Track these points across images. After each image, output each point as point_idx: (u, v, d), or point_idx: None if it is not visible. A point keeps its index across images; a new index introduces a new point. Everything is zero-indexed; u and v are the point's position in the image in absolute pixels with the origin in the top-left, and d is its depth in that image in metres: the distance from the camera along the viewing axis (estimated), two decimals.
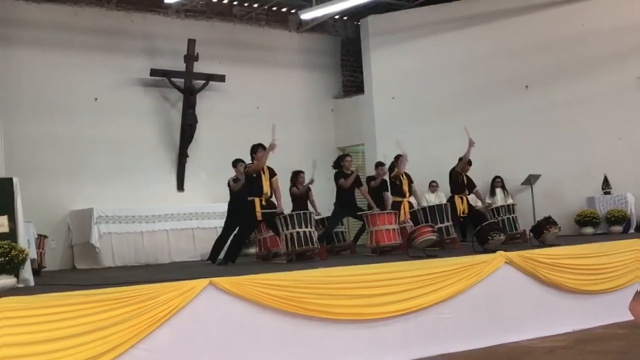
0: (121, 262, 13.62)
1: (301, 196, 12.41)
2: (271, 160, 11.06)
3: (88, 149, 14.34)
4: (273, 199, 11.11)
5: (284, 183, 11.91)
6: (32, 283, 8.14)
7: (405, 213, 12.70)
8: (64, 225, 13.99)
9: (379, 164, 13.32)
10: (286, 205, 11.64)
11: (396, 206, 12.60)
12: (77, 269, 13.60)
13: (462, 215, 13.47)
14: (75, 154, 14.21)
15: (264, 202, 10.89)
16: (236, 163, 12.15)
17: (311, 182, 12.54)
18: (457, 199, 13.53)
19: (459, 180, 13.69)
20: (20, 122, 13.60)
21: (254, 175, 10.90)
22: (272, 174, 11.10)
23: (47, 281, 9.31)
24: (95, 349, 6.21)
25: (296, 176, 12.58)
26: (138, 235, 13.95)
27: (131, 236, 13.87)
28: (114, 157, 14.57)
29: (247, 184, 11.11)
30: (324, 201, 13.12)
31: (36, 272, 10.73)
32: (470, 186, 13.83)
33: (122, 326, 6.39)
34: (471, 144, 13.59)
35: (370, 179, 13.12)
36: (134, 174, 14.72)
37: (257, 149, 11.03)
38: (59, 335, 6.09)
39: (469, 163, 13.91)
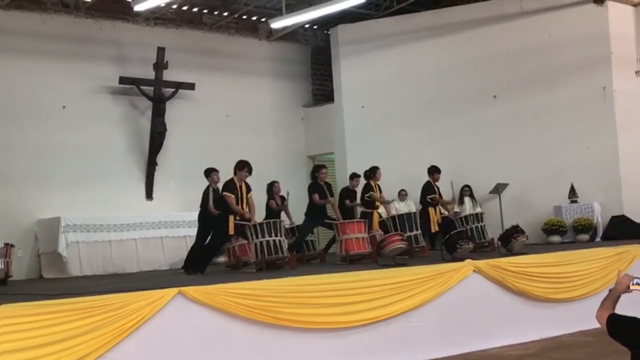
0: (89, 272, 13.47)
1: (278, 210, 12.46)
2: None
3: (56, 157, 14.20)
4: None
5: (259, 191, 11.93)
6: None
7: (374, 224, 12.76)
8: (31, 234, 13.82)
9: (354, 175, 13.36)
10: (260, 217, 11.65)
11: (366, 216, 12.65)
12: (44, 278, 13.44)
13: (437, 225, 13.59)
14: (42, 161, 14.06)
15: (237, 218, 10.85)
16: (210, 172, 12.03)
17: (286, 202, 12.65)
18: (430, 210, 13.65)
19: (433, 194, 13.83)
20: None
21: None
22: (248, 190, 11.07)
23: (14, 290, 9.23)
24: (62, 359, 6.15)
25: (271, 187, 12.60)
26: (106, 244, 13.80)
27: (99, 245, 13.72)
28: (82, 165, 14.44)
29: (223, 199, 11.00)
30: (294, 209, 13.12)
31: (2, 281, 10.66)
32: (440, 197, 13.99)
33: (90, 336, 6.34)
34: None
35: (344, 191, 13.14)
36: (102, 182, 14.59)
37: (244, 166, 10.93)
38: (25, 345, 6.02)
39: (438, 171, 14.01)
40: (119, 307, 6.57)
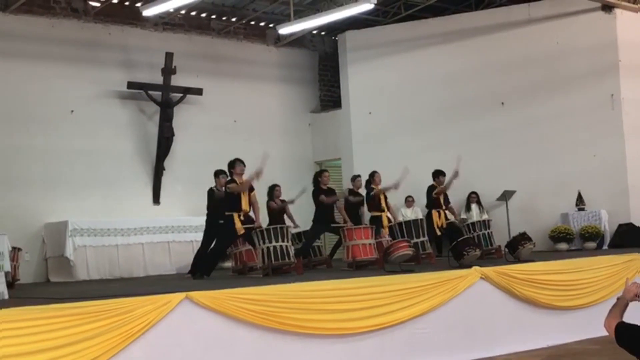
0: (96, 276, 13.50)
1: (278, 210, 12.42)
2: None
3: (64, 161, 14.23)
4: (251, 213, 11.09)
5: (261, 196, 11.92)
6: (6, 296, 8.09)
7: (384, 227, 12.74)
8: (39, 238, 13.85)
9: (356, 177, 13.40)
10: (264, 219, 11.64)
11: (375, 220, 12.65)
12: (51, 282, 13.47)
13: (439, 228, 13.55)
14: (50, 165, 14.09)
15: (242, 217, 10.86)
16: (218, 174, 12.04)
17: (292, 202, 12.64)
18: (434, 213, 13.64)
19: (436, 196, 13.79)
20: None
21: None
22: (250, 189, 11.09)
23: (21, 294, 9.24)
24: None
25: (272, 190, 12.58)
26: (113, 248, 13.83)
27: (106, 249, 13.75)
28: (89, 170, 14.48)
29: (226, 198, 11.04)
30: (301, 215, 13.12)
31: (10, 285, 10.65)
32: (446, 202, 13.93)
33: (97, 340, 6.34)
34: (455, 175, 13.62)
35: (350, 192, 13.17)
36: (109, 186, 14.62)
37: (234, 164, 11.00)
38: (32, 349, 6.03)
39: (443, 175, 13.96)
40: (125, 312, 6.57)
